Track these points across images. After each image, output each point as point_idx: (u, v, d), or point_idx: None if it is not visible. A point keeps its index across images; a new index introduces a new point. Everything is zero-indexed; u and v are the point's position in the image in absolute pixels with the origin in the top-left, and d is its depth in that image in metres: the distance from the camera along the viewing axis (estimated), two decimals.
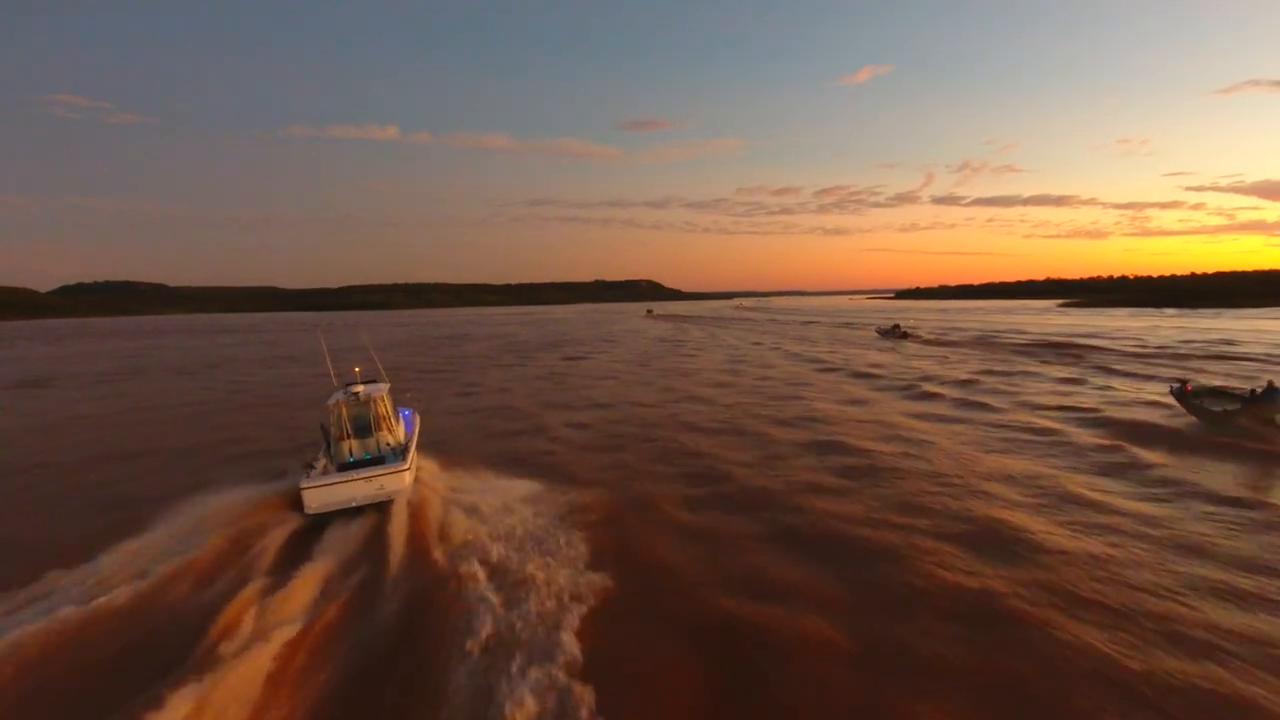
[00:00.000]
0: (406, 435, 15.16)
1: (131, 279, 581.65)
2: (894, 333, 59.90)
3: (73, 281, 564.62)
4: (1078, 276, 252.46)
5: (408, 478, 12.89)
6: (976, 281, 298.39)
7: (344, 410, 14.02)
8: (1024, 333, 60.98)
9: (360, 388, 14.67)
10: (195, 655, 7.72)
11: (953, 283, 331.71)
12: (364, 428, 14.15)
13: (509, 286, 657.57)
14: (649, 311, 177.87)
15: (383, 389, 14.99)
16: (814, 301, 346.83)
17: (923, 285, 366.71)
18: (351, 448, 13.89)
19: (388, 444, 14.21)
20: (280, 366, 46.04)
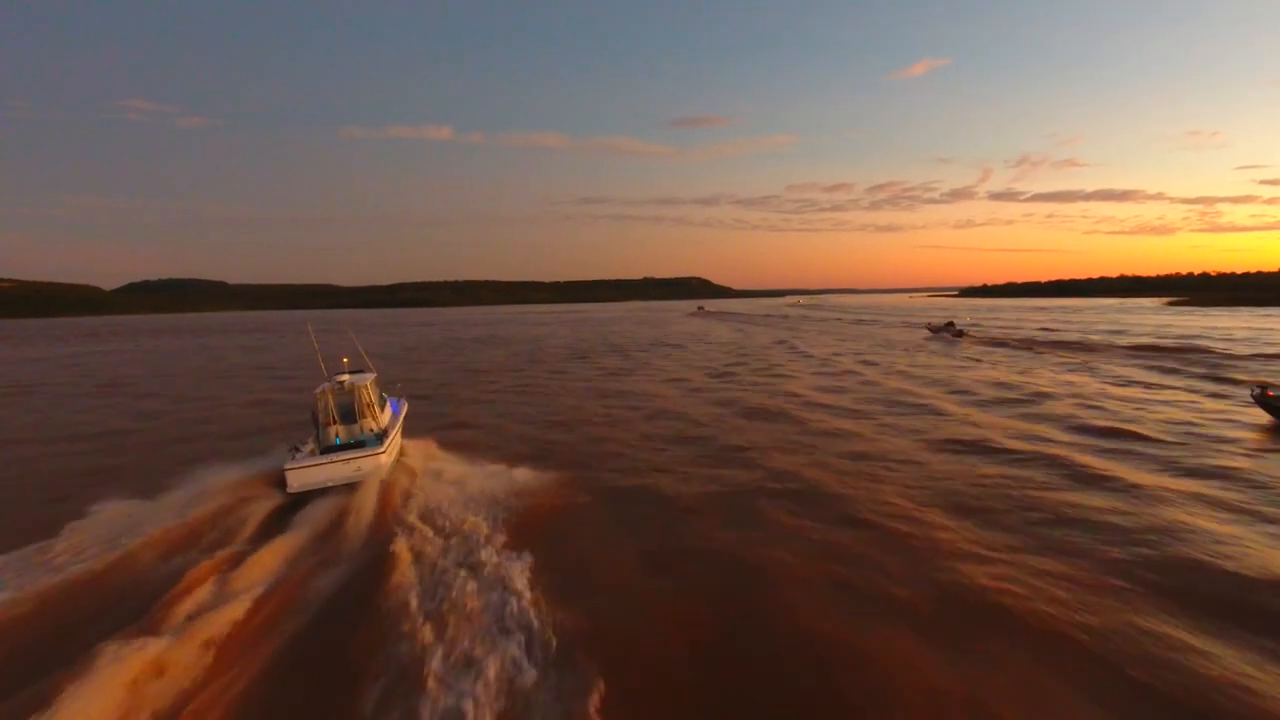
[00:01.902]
0: (392, 420, 15.94)
1: (193, 277, 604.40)
2: (949, 330, 55.53)
3: (138, 280, 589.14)
4: (1146, 274, 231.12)
5: (384, 460, 13.63)
6: (1040, 279, 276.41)
7: (330, 398, 14.51)
8: (1235, 339, 44.79)
9: (346, 377, 15.16)
10: (159, 614, 8.09)
11: (1011, 280, 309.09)
12: (349, 414, 14.68)
13: (558, 284, 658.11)
14: (700, 308, 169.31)
15: (368, 378, 15.57)
16: (872, 299, 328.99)
17: (981, 283, 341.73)
18: (337, 432, 14.29)
19: (371, 429, 14.71)
20: (224, 382, 36.77)
